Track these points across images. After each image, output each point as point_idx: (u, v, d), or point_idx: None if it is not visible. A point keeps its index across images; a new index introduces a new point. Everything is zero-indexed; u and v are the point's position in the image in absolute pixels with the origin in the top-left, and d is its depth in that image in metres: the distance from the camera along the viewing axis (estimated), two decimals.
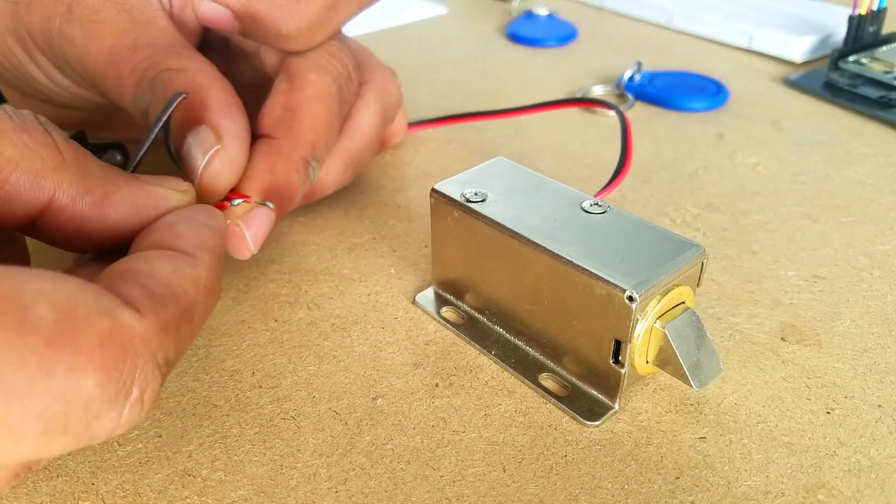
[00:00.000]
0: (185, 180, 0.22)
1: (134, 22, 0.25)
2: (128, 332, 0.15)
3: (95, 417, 0.15)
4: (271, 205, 0.24)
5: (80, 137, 0.29)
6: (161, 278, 0.17)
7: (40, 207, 0.18)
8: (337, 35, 0.29)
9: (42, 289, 0.14)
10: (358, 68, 0.30)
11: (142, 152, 0.22)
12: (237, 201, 0.23)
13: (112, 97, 0.26)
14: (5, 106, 0.18)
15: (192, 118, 0.24)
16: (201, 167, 0.23)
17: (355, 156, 0.31)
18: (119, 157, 0.30)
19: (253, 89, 0.31)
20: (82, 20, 0.25)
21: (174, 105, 0.22)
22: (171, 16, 0.27)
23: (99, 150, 0.30)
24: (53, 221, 0.19)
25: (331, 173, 0.30)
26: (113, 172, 0.20)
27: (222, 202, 0.24)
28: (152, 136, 0.22)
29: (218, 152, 0.23)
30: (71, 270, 0.20)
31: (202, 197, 0.23)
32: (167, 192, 0.20)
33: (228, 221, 0.23)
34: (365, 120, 0.31)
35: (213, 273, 0.19)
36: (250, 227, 0.24)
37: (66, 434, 0.15)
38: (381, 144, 0.34)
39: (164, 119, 0.22)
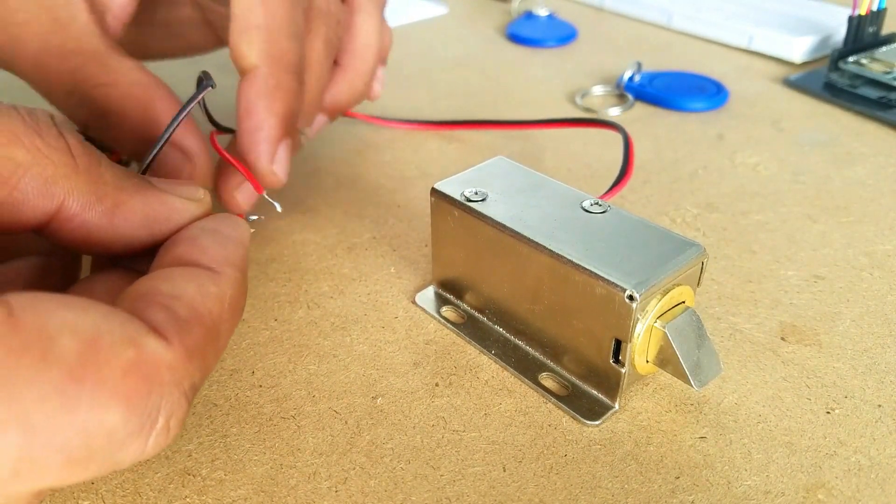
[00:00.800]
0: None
1: (57, 23, 0.24)
2: (154, 362, 0.15)
3: (120, 448, 0.15)
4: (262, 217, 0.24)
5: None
6: (185, 299, 0.17)
7: (49, 214, 0.18)
8: None
9: (66, 319, 0.14)
10: None
11: (157, 149, 0.22)
12: (252, 217, 0.23)
13: (47, 100, 0.25)
14: (19, 106, 0.18)
15: (144, 137, 0.23)
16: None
17: (360, 81, 0.30)
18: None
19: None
20: (4, 23, 0.24)
21: (202, 94, 0.22)
22: (92, 5, 0.25)
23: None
24: (61, 228, 0.18)
25: (343, 99, 0.30)
26: (127, 180, 0.19)
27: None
28: (170, 133, 0.22)
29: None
30: (92, 277, 0.20)
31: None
32: (182, 204, 0.20)
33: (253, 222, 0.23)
34: (364, 40, 0.30)
35: (237, 288, 0.18)
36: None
37: (90, 465, 0.14)
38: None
39: (186, 113, 0.22)
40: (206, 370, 0.17)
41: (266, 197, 0.25)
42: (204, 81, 0.22)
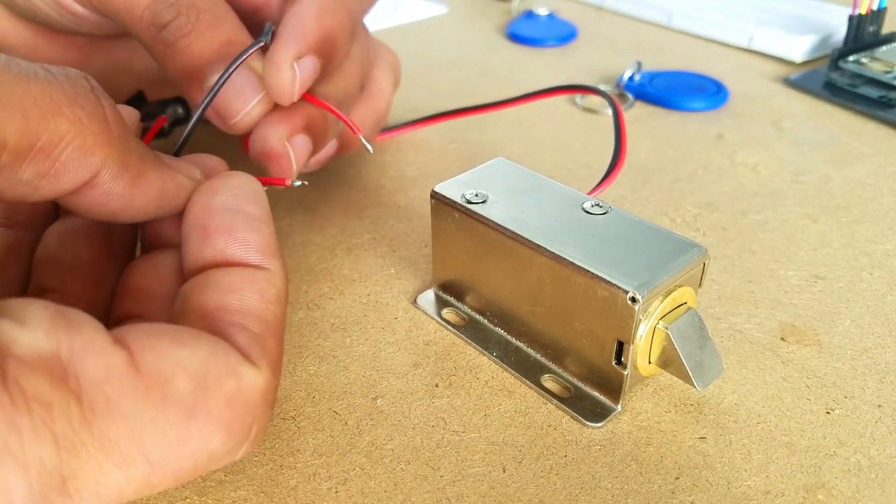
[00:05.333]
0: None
1: None
2: (250, 390, 0.16)
3: (218, 463, 0.16)
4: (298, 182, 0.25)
5: (139, 97, 0.29)
6: (255, 313, 0.18)
7: (83, 182, 0.18)
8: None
9: (180, 359, 0.15)
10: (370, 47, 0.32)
11: (199, 113, 0.22)
12: (297, 182, 0.24)
13: (124, 27, 0.26)
14: (53, 68, 0.17)
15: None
16: (247, 108, 0.24)
17: (379, 117, 0.33)
18: (181, 111, 0.30)
19: None
20: None
21: (255, 47, 0.23)
22: None
23: (161, 106, 0.29)
24: (84, 195, 0.18)
25: (363, 129, 0.31)
26: (147, 152, 0.19)
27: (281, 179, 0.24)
28: (212, 95, 0.23)
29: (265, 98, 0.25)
30: (154, 261, 0.21)
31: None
32: (187, 184, 0.20)
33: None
34: (384, 83, 0.33)
35: (285, 280, 0.19)
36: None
37: (191, 478, 0.16)
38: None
39: (238, 64, 0.23)
40: (280, 373, 0.18)
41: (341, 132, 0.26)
42: (263, 35, 0.23)
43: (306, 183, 0.23)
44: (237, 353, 0.16)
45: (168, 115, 0.29)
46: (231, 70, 0.23)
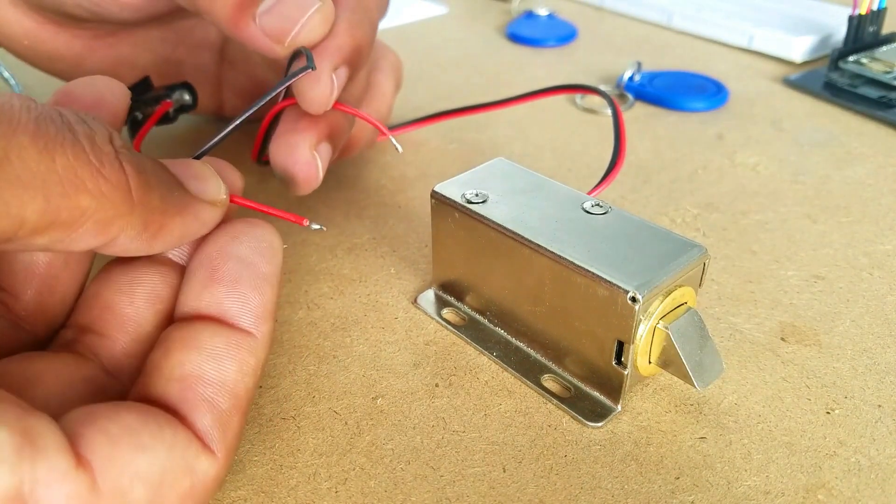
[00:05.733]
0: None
1: None
2: (204, 483, 0.17)
3: None
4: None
5: (144, 82, 0.29)
6: (229, 387, 0.18)
7: (98, 247, 0.17)
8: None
9: (139, 470, 0.15)
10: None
11: (236, 125, 0.23)
12: (315, 226, 0.23)
13: None
14: (74, 120, 0.16)
15: None
16: (302, 21, 0.24)
17: (380, 118, 0.33)
18: (187, 97, 0.30)
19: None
20: None
21: (295, 78, 0.24)
22: None
23: (167, 91, 0.29)
24: (100, 249, 0.18)
25: (364, 131, 0.32)
26: (170, 196, 0.18)
27: (299, 217, 0.23)
28: (267, 98, 0.23)
29: (319, 9, 0.24)
30: (119, 265, 0.20)
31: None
32: (210, 214, 0.19)
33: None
34: (385, 86, 0.33)
35: (268, 348, 0.19)
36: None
37: None
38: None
39: (286, 85, 0.24)
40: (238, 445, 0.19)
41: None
42: (302, 61, 0.24)
43: (324, 228, 0.23)
44: (196, 444, 0.17)
45: (173, 101, 0.29)
46: (278, 89, 0.23)
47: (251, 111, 0.23)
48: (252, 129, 0.29)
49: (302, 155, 0.26)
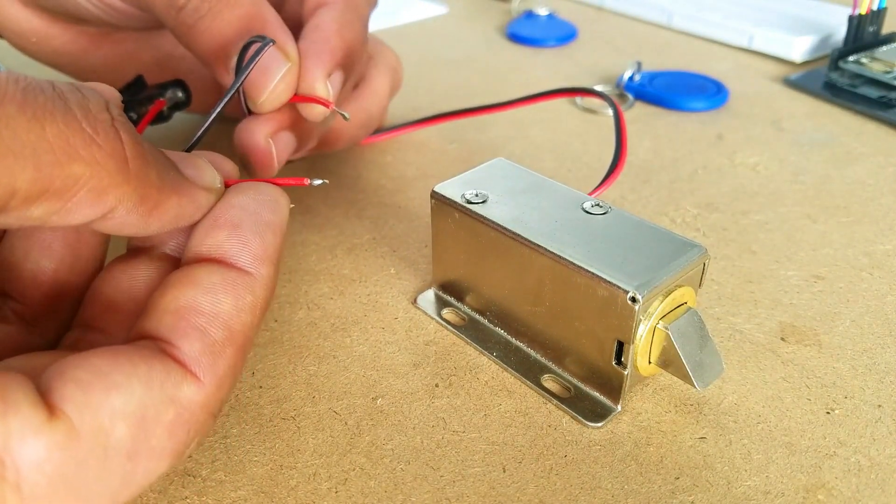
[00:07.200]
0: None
1: None
2: (190, 410, 0.16)
3: (157, 479, 0.17)
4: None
5: (138, 81, 0.29)
6: (222, 318, 0.18)
7: (94, 219, 0.17)
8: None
9: (116, 408, 0.15)
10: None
11: (218, 109, 0.22)
12: (318, 181, 0.23)
13: (150, 11, 0.26)
14: (68, 90, 0.16)
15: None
16: (274, 82, 0.24)
17: (369, 117, 0.33)
18: (181, 94, 0.30)
19: None
20: None
21: (263, 52, 0.23)
22: None
23: (160, 89, 0.29)
24: (96, 224, 0.18)
25: (348, 126, 0.32)
26: (166, 175, 0.18)
27: (300, 179, 0.23)
28: (233, 91, 0.23)
29: (290, 70, 0.25)
30: (130, 253, 0.21)
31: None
32: (206, 199, 0.20)
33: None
34: (379, 84, 0.33)
35: (270, 289, 0.19)
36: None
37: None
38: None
39: (248, 73, 0.23)
40: (235, 380, 0.18)
41: (332, 109, 0.26)
42: (260, 44, 0.24)
43: (327, 181, 0.23)
44: (177, 373, 0.16)
45: (167, 99, 0.29)
46: (242, 79, 0.23)
47: (224, 101, 0.23)
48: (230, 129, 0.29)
49: (258, 142, 0.26)
